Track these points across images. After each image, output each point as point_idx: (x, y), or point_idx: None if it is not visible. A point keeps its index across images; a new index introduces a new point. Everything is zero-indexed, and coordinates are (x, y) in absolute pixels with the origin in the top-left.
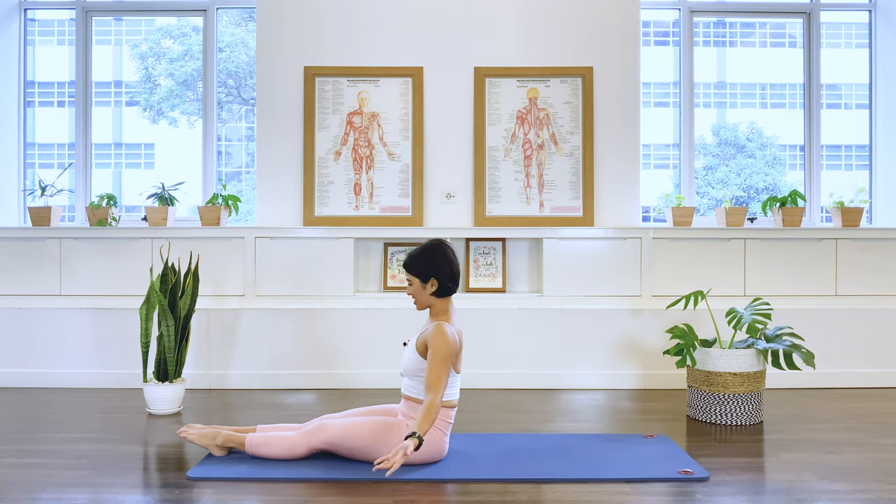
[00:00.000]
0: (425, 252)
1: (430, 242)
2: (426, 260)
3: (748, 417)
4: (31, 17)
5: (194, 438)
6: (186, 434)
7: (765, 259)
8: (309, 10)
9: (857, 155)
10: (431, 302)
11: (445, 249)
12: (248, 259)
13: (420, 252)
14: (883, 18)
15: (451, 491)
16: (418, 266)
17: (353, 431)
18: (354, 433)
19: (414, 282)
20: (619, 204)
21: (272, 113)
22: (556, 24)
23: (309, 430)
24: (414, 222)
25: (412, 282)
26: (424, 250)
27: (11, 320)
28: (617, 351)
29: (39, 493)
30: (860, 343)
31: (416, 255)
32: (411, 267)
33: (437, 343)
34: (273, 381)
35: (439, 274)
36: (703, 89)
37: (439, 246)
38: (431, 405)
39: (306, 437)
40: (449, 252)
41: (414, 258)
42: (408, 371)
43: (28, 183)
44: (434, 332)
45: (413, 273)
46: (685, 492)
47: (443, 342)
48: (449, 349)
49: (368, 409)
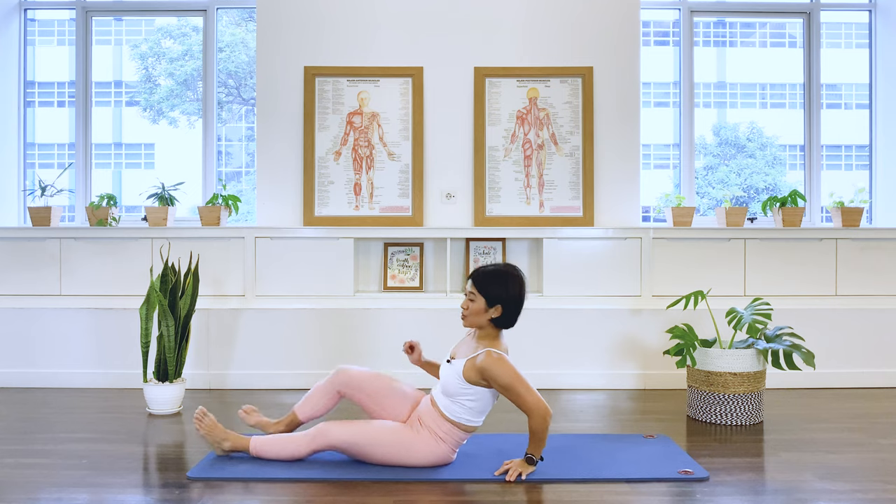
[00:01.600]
0: (503, 276)
1: (509, 267)
2: (502, 284)
3: (748, 417)
4: (31, 17)
5: (205, 432)
6: (201, 425)
7: (765, 259)
8: (309, 10)
9: (857, 155)
10: (483, 325)
11: (524, 282)
12: (248, 259)
13: (497, 273)
14: (883, 18)
15: (451, 491)
16: (491, 287)
17: (362, 438)
18: (364, 440)
19: (478, 300)
20: (619, 204)
21: (272, 113)
22: (556, 24)
23: (312, 434)
24: (414, 222)
25: (475, 299)
26: (503, 274)
27: (11, 320)
28: (617, 351)
29: (39, 493)
30: (860, 343)
31: (491, 275)
32: (483, 285)
33: (502, 376)
34: (273, 381)
35: (509, 304)
36: (703, 89)
37: (519, 276)
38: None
39: (308, 441)
40: (525, 285)
41: (489, 277)
42: (448, 391)
43: (28, 183)
44: (493, 367)
45: (481, 291)
46: (685, 492)
47: (506, 371)
48: (517, 372)
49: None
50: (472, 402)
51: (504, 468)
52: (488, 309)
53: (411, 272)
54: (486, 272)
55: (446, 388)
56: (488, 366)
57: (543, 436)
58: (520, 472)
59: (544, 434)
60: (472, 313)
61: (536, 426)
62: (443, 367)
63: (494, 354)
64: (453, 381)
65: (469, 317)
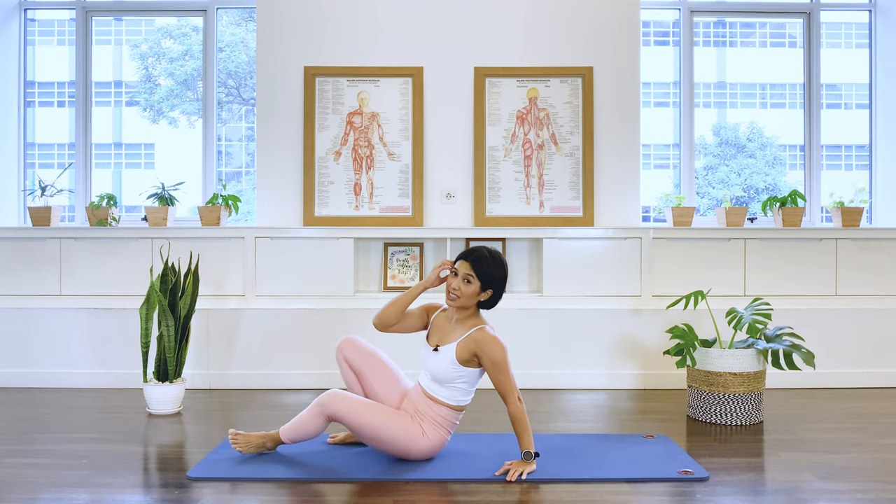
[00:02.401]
0: (499, 262)
1: (497, 252)
2: (498, 269)
3: (748, 417)
4: (31, 17)
5: (246, 449)
6: (238, 445)
7: (765, 259)
8: (309, 10)
9: (857, 155)
10: (470, 306)
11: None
12: (248, 259)
13: (495, 259)
14: (883, 18)
15: (451, 491)
16: (490, 272)
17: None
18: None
19: (474, 282)
20: (619, 204)
21: (272, 113)
22: (556, 24)
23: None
24: (414, 222)
25: (472, 280)
26: (499, 260)
27: (11, 320)
28: (617, 351)
29: (39, 493)
30: (860, 343)
31: (489, 259)
32: (481, 269)
33: (496, 353)
34: (273, 381)
35: (499, 288)
36: (703, 89)
37: (505, 261)
38: (520, 413)
39: (318, 413)
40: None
41: (487, 262)
42: (442, 379)
43: (28, 183)
44: (488, 343)
45: (479, 275)
46: (685, 492)
47: (500, 350)
48: (506, 354)
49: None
50: (464, 382)
51: (504, 469)
52: (480, 292)
53: (411, 272)
54: (484, 256)
55: (438, 376)
56: (484, 341)
57: (526, 422)
58: (521, 472)
59: (526, 420)
60: (466, 295)
61: (515, 410)
62: (429, 357)
63: (490, 331)
64: (446, 367)
65: (461, 298)
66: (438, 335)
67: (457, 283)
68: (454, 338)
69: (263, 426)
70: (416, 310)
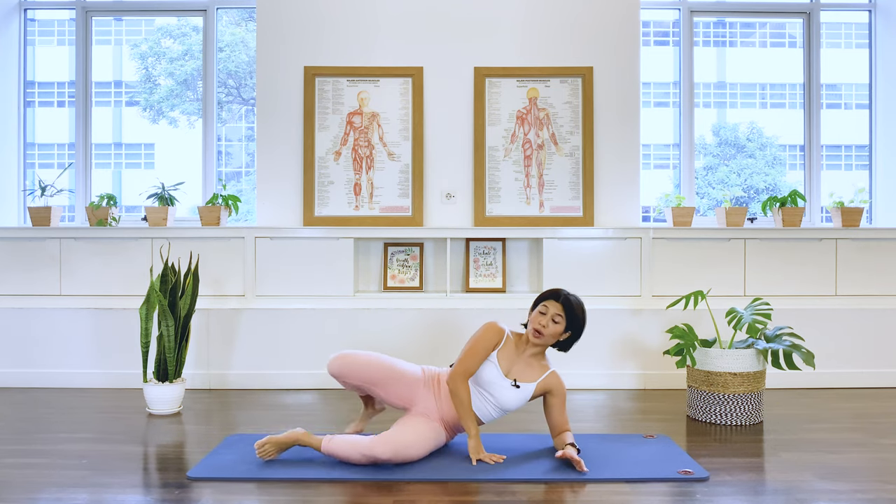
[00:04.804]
0: (583, 309)
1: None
2: (583, 315)
3: (748, 417)
4: (31, 17)
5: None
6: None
7: (765, 259)
8: (309, 10)
9: (857, 155)
10: (549, 345)
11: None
12: (248, 259)
13: (580, 305)
14: (883, 18)
15: (451, 491)
16: (577, 315)
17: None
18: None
19: (561, 323)
20: (619, 204)
21: (272, 113)
22: (556, 24)
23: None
24: (414, 222)
25: (559, 321)
26: (583, 307)
27: (11, 320)
28: (617, 351)
29: (39, 493)
30: (860, 343)
31: (579, 307)
32: (571, 312)
33: (564, 392)
34: (273, 381)
35: (578, 334)
36: (703, 89)
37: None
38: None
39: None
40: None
41: (578, 308)
42: (509, 409)
43: (28, 183)
44: (562, 387)
45: (568, 317)
46: (685, 492)
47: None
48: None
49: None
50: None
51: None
52: (563, 333)
53: (411, 272)
54: (576, 302)
55: (507, 407)
56: (558, 385)
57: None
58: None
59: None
60: (551, 335)
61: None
62: (505, 390)
63: (559, 374)
64: (520, 402)
65: (546, 336)
66: (514, 370)
67: (546, 321)
68: (531, 376)
69: (263, 426)
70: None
